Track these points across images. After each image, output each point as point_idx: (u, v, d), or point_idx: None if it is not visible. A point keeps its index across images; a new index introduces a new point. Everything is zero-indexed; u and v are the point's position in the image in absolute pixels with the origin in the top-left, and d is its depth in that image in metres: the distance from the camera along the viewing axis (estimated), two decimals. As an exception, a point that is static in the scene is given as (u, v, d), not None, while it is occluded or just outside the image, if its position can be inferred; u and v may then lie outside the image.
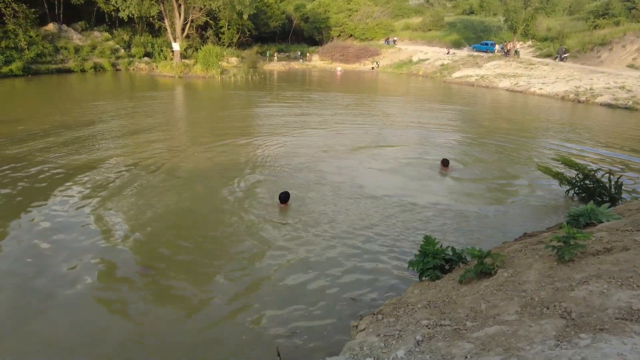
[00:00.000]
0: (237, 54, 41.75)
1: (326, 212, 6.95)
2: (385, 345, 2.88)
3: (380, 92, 28.71)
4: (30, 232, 5.96)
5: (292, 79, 34.94)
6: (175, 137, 12.49)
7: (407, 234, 6.29)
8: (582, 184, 7.75)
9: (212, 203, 7.36)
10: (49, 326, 4.10)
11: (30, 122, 12.93)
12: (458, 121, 17.14)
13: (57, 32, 31.67)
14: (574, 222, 4.47)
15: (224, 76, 31.28)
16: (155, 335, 3.98)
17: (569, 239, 2.90)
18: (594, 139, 14.03)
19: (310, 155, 10.57)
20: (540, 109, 21.61)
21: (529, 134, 15.05)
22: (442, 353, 2.49)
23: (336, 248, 5.79)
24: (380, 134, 13.54)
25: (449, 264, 4.37)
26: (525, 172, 9.87)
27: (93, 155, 9.82)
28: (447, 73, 36.97)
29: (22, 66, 26.13)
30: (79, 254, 5.42)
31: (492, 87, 30.55)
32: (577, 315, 2.21)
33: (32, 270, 5.00)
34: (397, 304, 3.76)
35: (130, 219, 6.50)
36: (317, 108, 19.10)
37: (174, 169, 9.01)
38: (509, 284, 3.03)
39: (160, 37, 38.11)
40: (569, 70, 30.16)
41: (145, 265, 5.19)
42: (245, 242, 5.87)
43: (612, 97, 22.98)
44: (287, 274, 5.13)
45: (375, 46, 51.76)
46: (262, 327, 4.11)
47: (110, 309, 4.36)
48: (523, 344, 2.16)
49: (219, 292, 4.74)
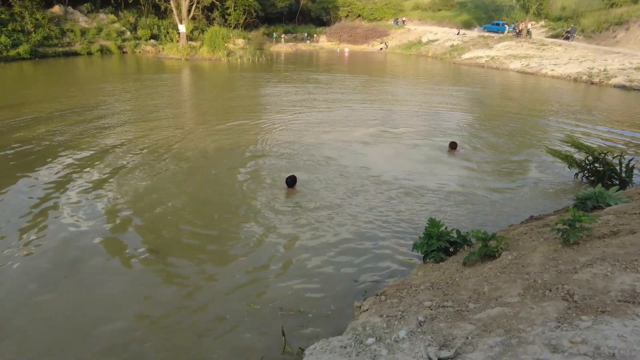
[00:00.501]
0: (243, 35, 41.28)
1: (331, 195, 6.95)
2: (388, 326, 2.90)
3: (388, 73, 28.32)
4: (37, 214, 6.06)
5: (299, 60, 34.55)
6: (182, 119, 12.49)
7: (413, 216, 6.28)
8: (592, 167, 7.63)
9: (218, 185, 7.41)
10: (55, 305, 4.18)
11: (38, 105, 13.01)
12: (467, 103, 16.89)
13: (63, 15, 31.54)
14: (581, 205, 4.42)
15: (230, 58, 31.05)
16: (161, 316, 4.06)
17: (574, 222, 2.87)
18: (606, 121, 13.75)
19: (316, 137, 10.52)
20: (551, 91, 21.19)
21: (539, 116, 14.80)
22: (444, 334, 2.51)
23: (341, 231, 5.81)
24: (388, 116, 13.41)
25: (454, 246, 4.37)
26: (534, 154, 9.74)
27: (100, 138, 9.88)
28: (457, 54, 36.25)
29: (29, 49, 26.16)
30: (85, 234, 5.52)
31: (503, 69, 29.95)
32: (580, 298, 2.20)
33: (37, 251, 5.11)
34: (401, 285, 3.78)
35: (137, 201, 6.58)
36: (323, 90, 18.92)
37: (180, 152, 9.05)
38: (512, 267, 3.02)
39: (166, 19, 37.78)
40: (582, 50, 29.39)
41: (153, 247, 5.27)
42: (249, 225, 5.92)
43: (626, 78, 22.39)
44: (291, 256, 5.17)
45: (384, 26, 50.80)
46: (267, 307, 4.17)
47: (117, 289, 4.44)
48: (524, 325, 2.17)
49: (223, 273, 4.80)
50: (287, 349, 3.56)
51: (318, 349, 2.79)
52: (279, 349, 3.58)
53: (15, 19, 27.75)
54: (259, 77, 23.07)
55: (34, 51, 26.52)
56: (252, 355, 3.53)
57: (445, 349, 2.30)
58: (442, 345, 2.35)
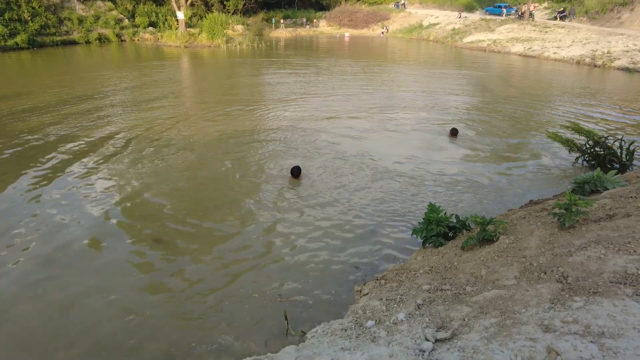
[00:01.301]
0: (242, 21, 40.83)
1: (330, 182, 7.00)
2: (387, 309, 2.98)
3: (389, 58, 28.06)
4: (39, 203, 6.15)
5: (299, 46, 34.23)
6: (182, 107, 12.48)
7: (413, 201, 6.34)
8: (592, 151, 7.64)
9: (220, 173, 7.45)
10: (57, 293, 4.27)
11: (38, 95, 13.00)
12: (468, 88, 16.78)
13: (59, 2, 31.18)
14: (579, 189, 4.46)
15: (229, 45, 30.78)
16: (164, 302, 4.16)
17: (570, 206, 2.92)
18: (608, 104, 13.67)
19: (316, 123, 10.53)
20: (553, 74, 21.00)
21: (540, 100, 14.71)
22: (441, 316, 2.58)
23: (342, 217, 5.88)
24: (388, 102, 13.36)
25: (453, 231, 4.43)
26: (535, 139, 9.74)
27: (100, 127, 9.91)
28: (459, 38, 35.82)
29: (27, 39, 25.97)
30: (86, 223, 5.60)
31: (505, 52, 29.62)
32: (573, 280, 2.26)
33: (39, 240, 5.20)
34: (400, 269, 3.86)
35: (138, 189, 6.64)
36: (324, 75, 18.81)
37: (181, 141, 9.08)
38: (509, 250, 3.08)
39: (164, 6, 37.32)
40: (586, 32, 29.00)
41: (154, 235, 5.34)
42: (251, 212, 5.98)
43: (630, 60, 22.14)
44: (293, 242, 5.25)
45: (385, 10, 50.10)
46: (270, 293, 4.25)
47: (118, 279, 4.51)
48: (519, 307, 2.23)
49: (226, 260, 4.88)
50: (291, 332, 3.65)
51: (320, 332, 2.87)
52: (282, 333, 3.67)
53: (12, 7, 27.48)
54: (258, 64, 22.91)
55: (31, 40, 26.33)
56: (256, 339, 3.63)
57: (442, 331, 2.37)
58: (439, 327, 2.43)
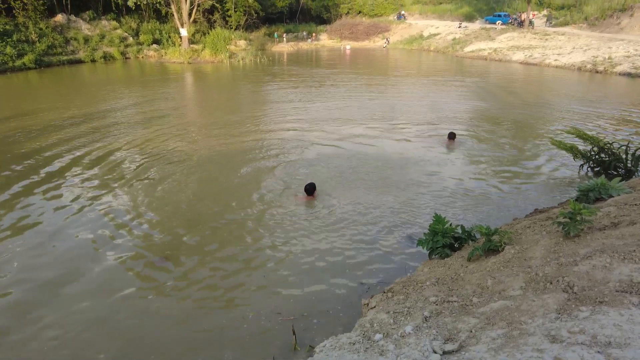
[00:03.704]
0: (245, 36, 41.38)
1: (333, 194, 7.00)
2: (395, 322, 2.98)
3: (390, 69, 28.27)
4: (46, 220, 6.23)
5: (301, 59, 34.59)
6: (187, 124, 12.62)
7: (417, 212, 6.34)
8: (597, 158, 7.62)
9: (225, 190, 7.50)
10: (58, 314, 4.28)
11: (45, 114, 13.22)
12: (470, 96, 16.85)
13: (66, 23, 31.85)
14: (584, 197, 4.46)
15: (232, 60, 31.17)
16: (169, 320, 4.17)
17: (574, 214, 2.93)
18: (612, 111, 13.66)
19: (321, 136, 10.59)
20: (555, 81, 21.05)
21: (543, 107, 14.73)
22: (449, 328, 2.59)
23: (347, 228, 5.89)
24: (391, 112, 13.44)
25: (458, 242, 4.43)
26: (538, 146, 9.74)
27: (107, 145, 10.02)
28: (459, 47, 36.07)
29: (34, 59, 26.47)
30: (93, 241, 5.65)
31: (506, 60, 29.76)
32: (579, 289, 2.26)
33: (46, 258, 5.25)
34: (407, 281, 3.86)
35: (144, 208, 6.69)
36: (326, 88, 18.97)
37: (187, 157, 9.16)
38: (515, 261, 3.08)
39: (167, 24, 37.99)
40: (586, 39, 29.12)
41: (160, 255, 5.37)
42: (255, 229, 5.99)
43: (632, 65, 22.17)
44: (300, 255, 5.26)
45: (385, 22, 50.65)
46: (277, 307, 4.26)
47: (124, 298, 4.53)
48: (525, 317, 2.24)
49: (231, 277, 4.89)
50: (297, 347, 3.65)
51: (328, 347, 2.87)
52: (290, 348, 3.67)
53: (20, 29, 28.09)
54: (261, 78, 23.16)
55: (38, 61, 26.83)
56: (264, 355, 3.63)
57: (450, 343, 2.37)
58: (447, 339, 2.43)
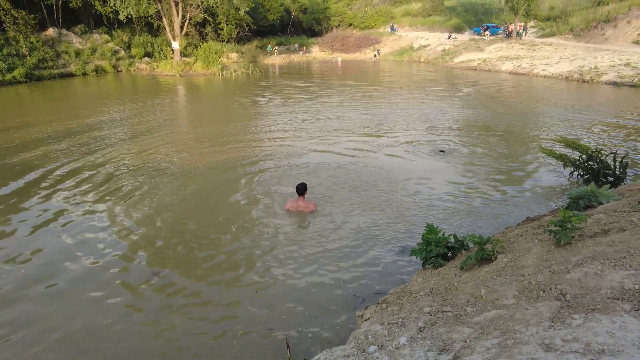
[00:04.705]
0: (237, 49, 41.68)
1: (326, 206, 7.00)
2: (389, 333, 2.96)
3: (381, 80, 28.57)
4: (38, 235, 6.13)
5: (293, 71, 34.84)
6: (179, 137, 12.59)
7: (410, 222, 6.35)
8: (586, 165, 7.73)
9: (215, 203, 7.43)
10: (54, 328, 4.19)
11: (36, 128, 13.10)
12: (461, 106, 17.06)
13: (57, 37, 31.83)
14: (574, 204, 4.50)
15: (224, 72, 31.30)
16: (167, 332, 4.11)
17: (565, 222, 2.95)
18: (600, 118, 13.90)
19: (313, 146, 10.62)
20: (544, 90, 21.41)
21: (533, 115, 14.95)
22: (443, 338, 2.57)
23: (339, 240, 5.87)
24: (383, 123, 13.53)
25: (452, 251, 4.43)
26: (529, 154, 9.85)
27: (98, 159, 9.92)
28: (449, 58, 36.65)
29: (24, 72, 26.34)
30: (86, 255, 5.57)
31: (495, 71, 30.27)
32: (572, 297, 2.27)
33: (39, 272, 5.16)
34: (401, 292, 3.84)
35: (136, 221, 6.61)
36: (319, 99, 19.09)
37: (178, 170, 9.11)
38: (508, 269, 3.09)
39: (159, 37, 38.15)
40: (572, 49, 29.75)
41: (154, 268, 5.31)
42: (248, 241, 5.94)
43: (617, 75, 22.67)
44: (292, 268, 5.21)
45: (376, 34, 51.36)
46: (271, 320, 4.21)
47: (118, 311, 4.46)
48: (519, 326, 2.23)
49: (227, 290, 4.84)
50: (292, 360, 3.61)
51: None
52: (284, 361, 3.63)
53: (10, 43, 28.00)
54: (253, 90, 23.26)
55: (29, 74, 26.69)
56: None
57: (444, 353, 2.36)
58: (441, 350, 2.41)
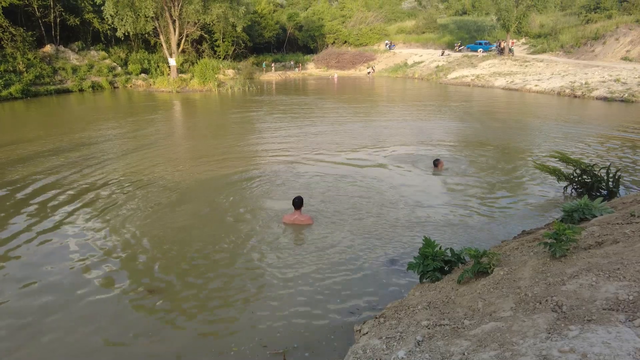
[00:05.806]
0: (233, 66, 42.11)
1: (322, 221, 7.00)
2: (387, 347, 2.96)
3: (376, 96, 28.91)
4: (32, 253, 6.07)
5: (289, 88, 35.20)
6: (175, 153, 12.62)
7: (406, 236, 6.37)
8: (580, 179, 7.83)
9: (211, 219, 7.39)
10: (45, 350, 4.12)
11: (31, 144, 13.08)
12: (455, 121, 17.27)
13: (54, 53, 32.08)
14: (568, 217, 4.55)
15: (221, 89, 31.56)
16: (159, 348, 4.06)
17: (559, 235, 2.99)
18: (592, 132, 14.11)
19: (308, 162, 10.68)
20: (537, 106, 21.74)
21: (526, 130, 15.16)
22: (441, 351, 2.57)
23: (336, 255, 5.86)
24: (378, 138, 13.65)
25: (449, 265, 4.44)
26: (523, 169, 9.96)
27: (93, 175, 9.82)
28: (443, 74, 37.21)
29: (21, 89, 26.41)
30: (80, 272, 5.51)
31: (488, 86, 30.74)
32: (568, 308, 2.29)
33: (31, 289, 5.10)
34: (399, 306, 3.84)
35: (131, 236, 6.58)
36: (314, 116, 19.26)
37: (173, 186, 9.09)
38: (504, 282, 3.11)
39: (156, 53, 38.54)
40: (563, 65, 30.36)
41: (148, 285, 5.25)
42: (243, 257, 5.90)
43: (607, 90, 23.12)
44: (288, 284, 5.18)
45: (370, 51, 52.17)
46: (266, 337, 4.18)
47: (111, 329, 4.40)
48: (517, 338, 2.25)
49: (221, 305, 4.80)
50: (290, 376, 3.57)
51: (320, 374, 2.82)
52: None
53: (7, 59, 28.17)
54: (249, 107, 23.44)
55: (25, 90, 26.75)
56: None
57: (443, 367, 2.36)
58: (440, 363, 2.41)
